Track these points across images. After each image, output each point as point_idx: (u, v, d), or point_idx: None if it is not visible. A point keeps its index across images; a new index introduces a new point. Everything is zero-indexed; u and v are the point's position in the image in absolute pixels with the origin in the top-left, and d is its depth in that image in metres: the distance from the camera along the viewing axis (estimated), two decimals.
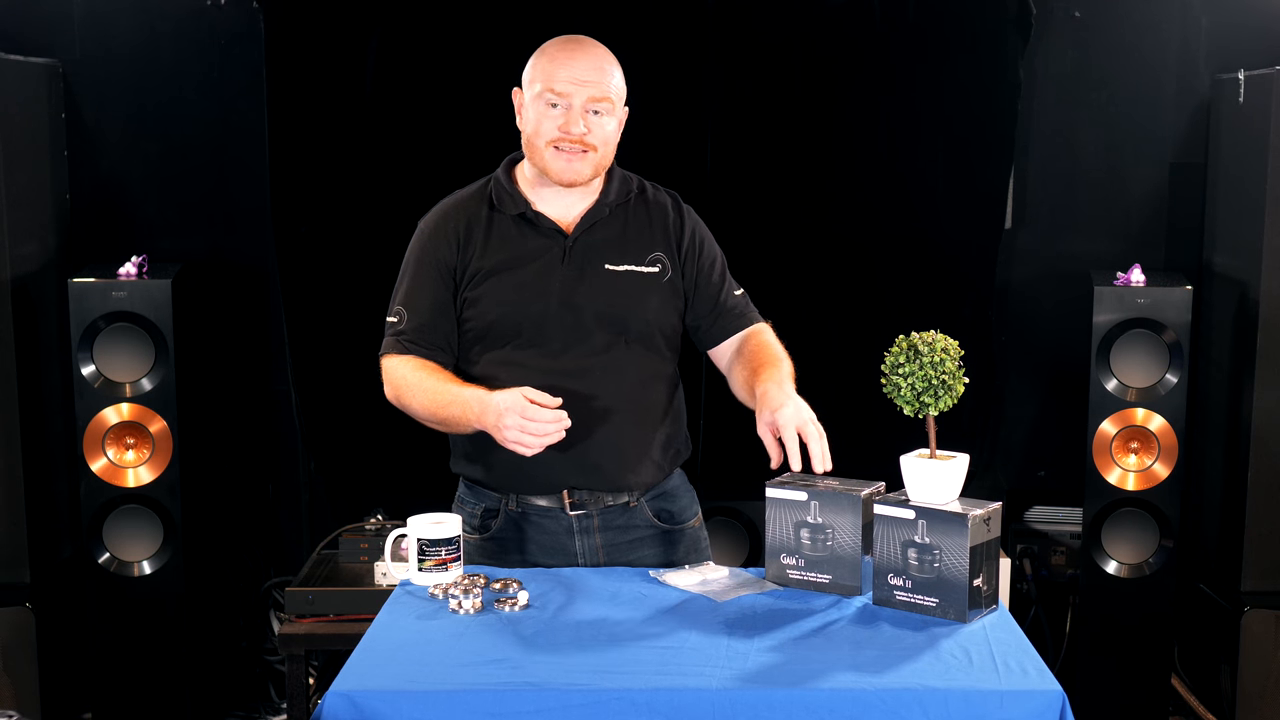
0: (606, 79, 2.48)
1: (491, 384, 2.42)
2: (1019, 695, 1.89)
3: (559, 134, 2.46)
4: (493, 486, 2.55)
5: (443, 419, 2.45)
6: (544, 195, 2.54)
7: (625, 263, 2.52)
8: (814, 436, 2.28)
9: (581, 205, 2.54)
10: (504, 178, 2.57)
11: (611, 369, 2.49)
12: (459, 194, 2.60)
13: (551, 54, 2.50)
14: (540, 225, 2.52)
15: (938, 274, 3.93)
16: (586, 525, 2.53)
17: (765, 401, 2.36)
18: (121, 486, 3.68)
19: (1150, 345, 3.69)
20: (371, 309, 3.90)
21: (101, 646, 3.74)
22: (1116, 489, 3.73)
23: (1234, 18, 3.92)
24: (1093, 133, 4.00)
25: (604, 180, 2.57)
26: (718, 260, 2.63)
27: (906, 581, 2.17)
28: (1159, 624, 3.79)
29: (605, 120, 2.48)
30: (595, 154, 2.48)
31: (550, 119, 2.46)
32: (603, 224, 2.54)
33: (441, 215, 2.58)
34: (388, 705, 1.88)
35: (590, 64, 2.47)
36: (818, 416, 2.32)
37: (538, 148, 2.49)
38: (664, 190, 2.64)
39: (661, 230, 2.57)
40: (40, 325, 3.74)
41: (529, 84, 2.52)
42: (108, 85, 3.92)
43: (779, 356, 2.53)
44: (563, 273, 2.49)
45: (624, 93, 2.54)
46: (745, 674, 1.94)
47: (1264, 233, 3.54)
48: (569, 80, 2.45)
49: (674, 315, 2.58)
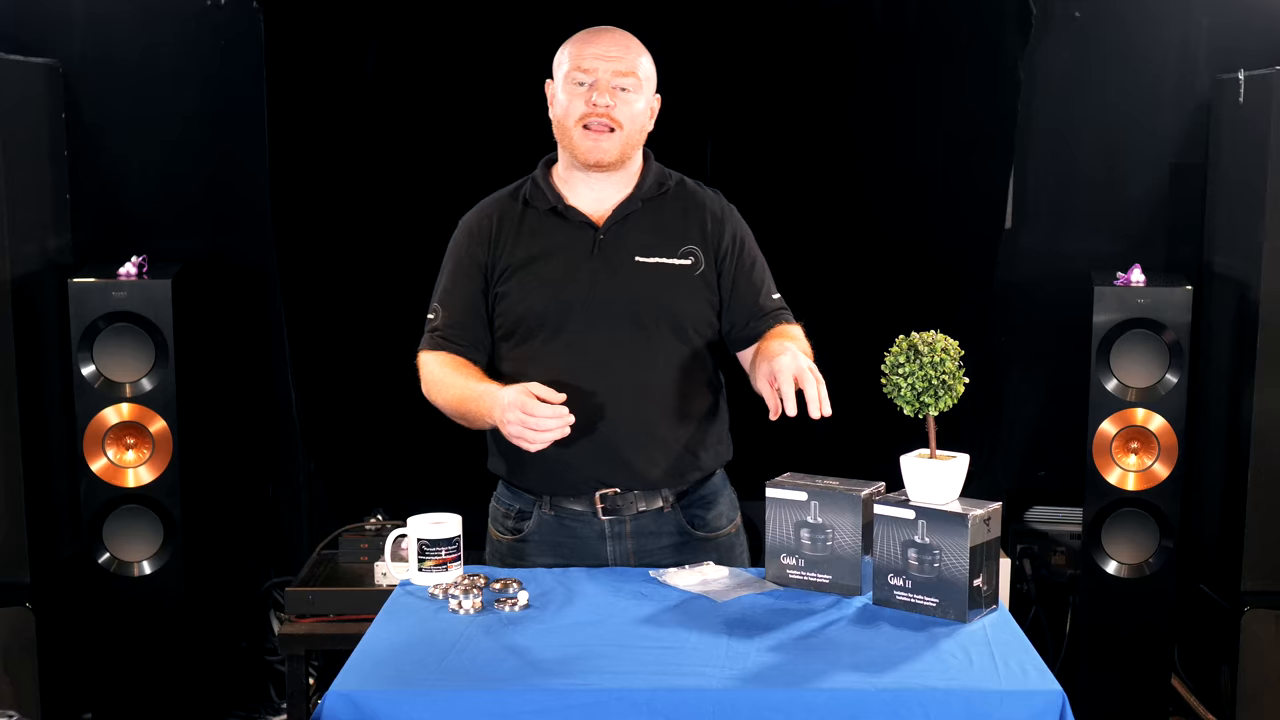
0: (633, 56, 2.50)
1: (520, 379, 2.42)
2: (1019, 695, 1.89)
3: (586, 109, 2.46)
4: (527, 488, 2.55)
5: (464, 414, 2.46)
6: (577, 189, 2.54)
7: (656, 255, 2.51)
8: (810, 382, 2.24)
9: (615, 198, 2.54)
10: (539, 175, 2.58)
11: (640, 363, 2.47)
12: (497, 193, 2.63)
13: (580, 37, 2.53)
14: (571, 218, 2.52)
15: (938, 274, 3.93)
16: (619, 530, 2.52)
17: (763, 355, 2.36)
18: (121, 486, 3.68)
19: (1150, 345, 3.69)
20: (372, 309, 3.92)
21: (101, 646, 3.74)
22: (1116, 489, 3.73)
23: (1234, 18, 3.92)
24: (1093, 133, 4.00)
25: (639, 174, 2.57)
26: (758, 264, 2.61)
27: (906, 581, 2.17)
28: (1159, 624, 3.79)
29: (632, 98, 2.48)
30: (621, 132, 2.47)
31: (578, 97, 2.47)
32: (635, 216, 2.53)
33: (477, 213, 2.60)
34: (388, 705, 1.88)
35: (617, 43, 2.50)
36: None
37: (567, 129, 2.50)
38: (708, 188, 2.63)
39: (698, 225, 2.55)
40: (40, 325, 3.74)
41: (558, 68, 2.54)
42: (108, 85, 3.92)
43: (794, 337, 2.51)
44: (591, 265, 2.49)
45: (653, 78, 2.54)
46: (745, 674, 1.94)
47: (1264, 233, 3.54)
48: (595, 56, 2.48)
49: (706, 309, 2.55)
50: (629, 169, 2.55)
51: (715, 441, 2.59)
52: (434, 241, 3.79)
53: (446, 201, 3.81)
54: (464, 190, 3.77)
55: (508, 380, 2.45)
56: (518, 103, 3.75)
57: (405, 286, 3.85)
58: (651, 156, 2.60)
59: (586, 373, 2.45)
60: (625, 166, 2.54)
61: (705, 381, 2.56)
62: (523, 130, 3.76)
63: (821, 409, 2.23)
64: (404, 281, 3.87)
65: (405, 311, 3.86)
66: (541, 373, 2.42)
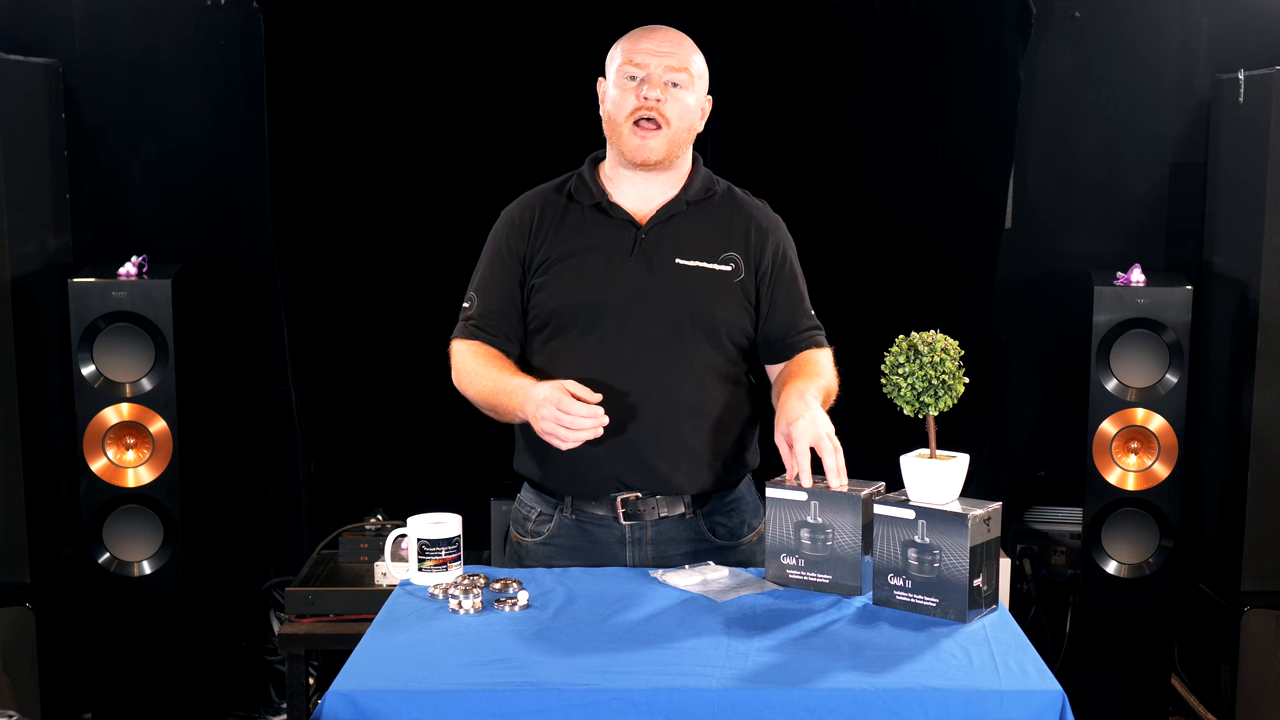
0: (686, 53, 2.50)
1: (550, 374, 2.42)
2: (1019, 695, 1.89)
3: (637, 103, 2.45)
4: (551, 489, 2.54)
5: (494, 406, 2.45)
6: (622, 187, 2.53)
7: (697, 258, 2.49)
8: (829, 450, 2.25)
9: (660, 198, 2.52)
10: (586, 170, 2.57)
11: (671, 364, 2.46)
12: (541, 185, 2.62)
13: (633, 34, 2.53)
14: (614, 215, 2.51)
15: (938, 274, 3.93)
16: (639, 535, 2.51)
17: (783, 411, 2.33)
18: (121, 486, 3.68)
19: (1150, 345, 3.69)
20: (372, 309, 3.92)
21: (101, 646, 3.74)
22: (1116, 489, 3.73)
23: (1234, 18, 3.92)
24: (1093, 133, 4.00)
25: (687, 176, 2.56)
26: (798, 280, 2.59)
27: (906, 581, 2.17)
28: (1159, 624, 3.79)
29: (683, 94, 2.48)
30: (669, 130, 2.46)
31: (629, 91, 2.47)
32: (680, 218, 2.52)
33: (520, 204, 2.59)
34: (388, 705, 1.88)
35: (670, 39, 2.51)
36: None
37: (618, 125, 2.48)
38: (756, 199, 2.62)
39: (742, 234, 2.54)
40: (40, 325, 3.74)
41: (610, 63, 2.53)
42: (108, 85, 3.92)
43: (819, 372, 2.48)
44: (631, 263, 2.48)
45: (705, 77, 2.54)
46: (745, 674, 1.94)
47: (1264, 233, 3.54)
48: (648, 52, 2.48)
49: (743, 316, 2.53)
50: (677, 170, 2.54)
51: (743, 450, 2.57)
52: (434, 240, 3.82)
53: (447, 201, 3.84)
54: (464, 190, 3.79)
55: (538, 374, 2.45)
56: (518, 102, 3.76)
57: (406, 286, 3.87)
58: (701, 161, 2.59)
59: (617, 372, 2.43)
60: (674, 166, 2.52)
61: (737, 389, 2.54)
62: (523, 129, 3.78)
63: (840, 479, 2.24)
64: (404, 281, 3.88)
65: (405, 311, 3.88)
66: (572, 369, 2.42)
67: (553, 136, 3.66)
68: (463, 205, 3.68)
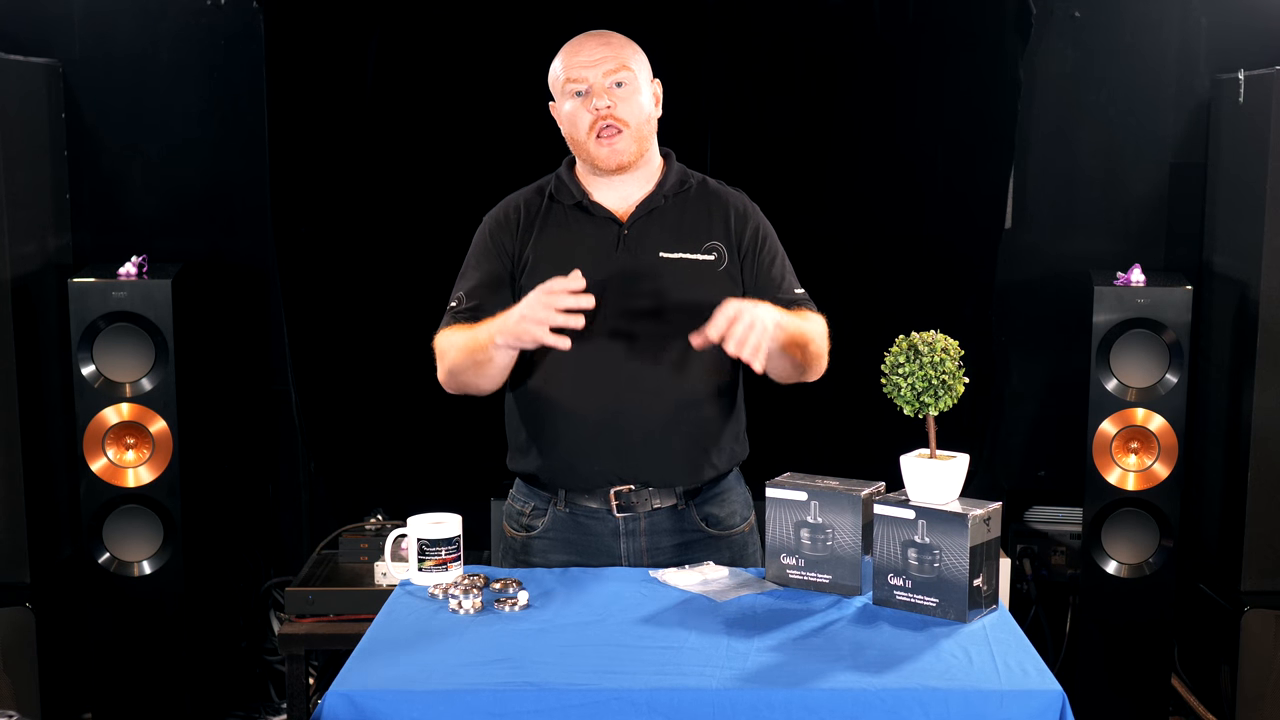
0: (618, 51, 2.51)
1: (539, 370, 2.45)
2: (1019, 695, 1.89)
3: (591, 117, 2.47)
4: (543, 484, 2.56)
5: (474, 352, 2.43)
6: (600, 186, 2.55)
7: (680, 250, 2.52)
8: (746, 324, 2.25)
9: (638, 195, 2.55)
10: (564, 171, 2.60)
11: (660, 359, 2.47)
12: (520, 190, 2.64)
13: (564, 51, 2.55)
14: (595, 214, 2.54)
15: (938, 274, 3.93)
16: (633, 528, 2.52)
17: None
18: (121, 486, 3.68)
19: (1150, 345, 3.69)
20: (372, 309, 3.92)
21: (101, 646, 3.74)
22: (1116, 489, 3.73)
23: (1234, 18, 3.92)
24: (1093, 133, 4.00)
25: (661, 170, 2.58)
26: (779, 257, 2.61)
27: (906, 581, 2.17)
28: (1159, 624, 3.79)
29: (629, 92, 2.49)
30: (629, 129, 2.49)
31: (580, 107, 2.49)
32: (659, 212, 2.54)
33: (502, 206, 2.62)
34: (388, 705, 1.88)
35: (598, 44, 2.52)
36: (818, 416, 2.31)
37: (581, 143, 2.51)
38: (731, 188, 2.64)
39: (722, 220, 2.56)
40: (40, 325, 3.74)
41: (553, 86, 2.55)
42: (108, 85, 3.92)
43: (810, 320, 2.51)
44: (616, 260, 2.50)
45: (646, 65, 2.55)
46: (745, 674, 1.94)
47: (1264, 233, 3.54)
48: (583, 65, 2.49)
49: None
50: (650, 165, 2.57)
51: (731, 440, 2.59)
52: (434, 240, 3.82)
53: (447, 201, 3.84)
54: (464, 190, 3.79)
55: (526, 370, 2.48)
56: (518, 102, 3.76)
57: (406, 286, 3.87)
58: (673, 156, 2.62)
59: (607, 367, 2.45)
60: (646, 162, 2.55)
61: (724, 380, 2.56)
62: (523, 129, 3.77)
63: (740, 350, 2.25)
64: (404, 281, 3.88)
65: (406, 311, 3.87)
66: (561, 365, 2.44)
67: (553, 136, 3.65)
68: (463, 205, 3.66)
